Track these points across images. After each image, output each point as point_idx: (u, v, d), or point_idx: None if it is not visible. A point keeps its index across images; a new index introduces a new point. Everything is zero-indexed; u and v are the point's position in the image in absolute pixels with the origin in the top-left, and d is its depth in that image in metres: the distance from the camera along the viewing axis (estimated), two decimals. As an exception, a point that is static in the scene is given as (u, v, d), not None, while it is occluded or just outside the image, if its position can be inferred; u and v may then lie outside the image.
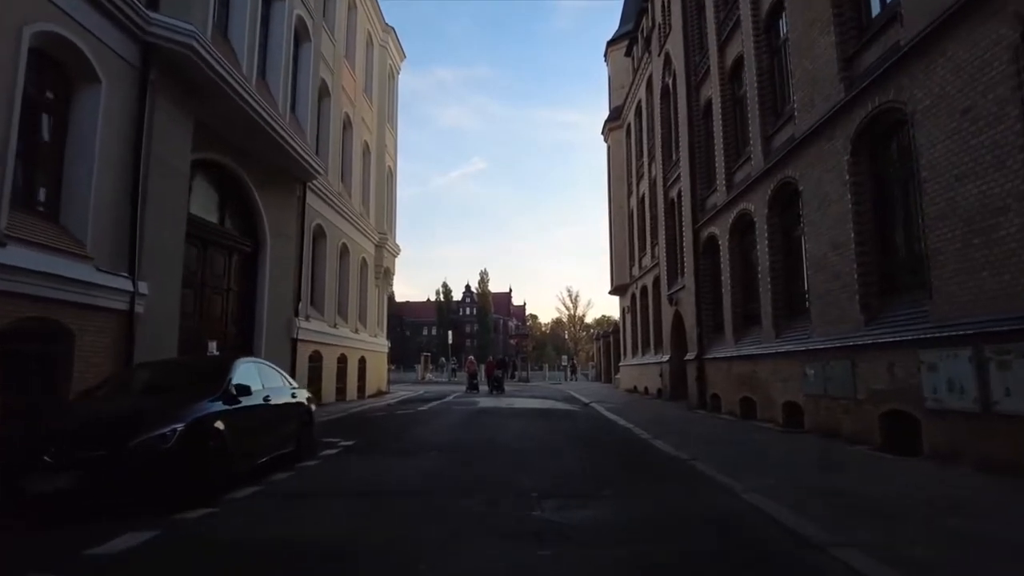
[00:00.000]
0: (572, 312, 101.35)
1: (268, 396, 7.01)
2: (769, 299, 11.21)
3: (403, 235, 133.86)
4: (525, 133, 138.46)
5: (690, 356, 15.65)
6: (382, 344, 24.23)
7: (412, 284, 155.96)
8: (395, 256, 25.95)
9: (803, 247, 10.00)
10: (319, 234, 17.98)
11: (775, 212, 11.28)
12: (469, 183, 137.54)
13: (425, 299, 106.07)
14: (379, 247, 23.71)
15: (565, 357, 51.82)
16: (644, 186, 22.30)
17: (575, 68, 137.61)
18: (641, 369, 22.40)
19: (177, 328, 10.21)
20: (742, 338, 12.83)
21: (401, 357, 55.63)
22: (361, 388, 21.50)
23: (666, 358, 18.14)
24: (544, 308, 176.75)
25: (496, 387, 22.36)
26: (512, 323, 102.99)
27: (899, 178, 7.96)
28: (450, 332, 42.22)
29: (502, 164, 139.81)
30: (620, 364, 27.48)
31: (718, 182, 14.16)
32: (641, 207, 23.10)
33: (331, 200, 18.20)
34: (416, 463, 7.43)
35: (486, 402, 18.19)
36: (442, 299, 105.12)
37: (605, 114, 27.99)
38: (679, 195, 17.55)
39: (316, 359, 17.29)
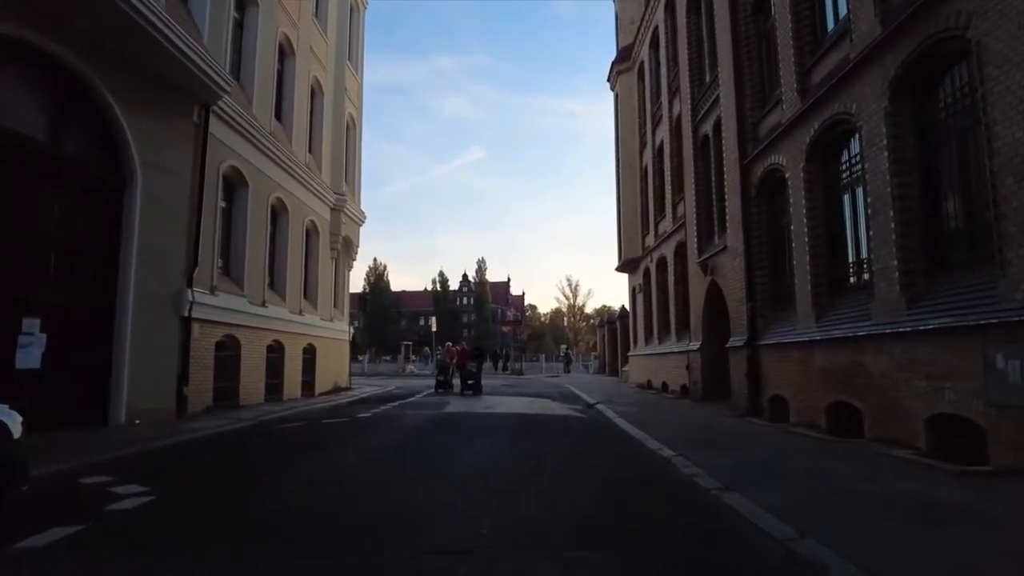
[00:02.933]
0: (572, 302, 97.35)
1: None
2: (893, 247, 6.81)
3: (401, 225, 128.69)
4: (525, 121, 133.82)
5: (736, 342, 11.29)
6: (340, 330, 19.87)
7: (413, 274, 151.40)
8: (359, 225, 21.56)
9: (988, 146, 5.58)
10: (236, 181, 13.58)
11: (907, 101, 6.86)
12: (468, 173, 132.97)
13: (422, 288, 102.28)
14: (336, 211, 19.31)
15: (563, 347, 47.09)
16: (662, 132, 17.85)
17: (575, 56, 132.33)
18: (658, 360, 18.05)
19: None
20: (831, 313, 8.46)
21: (396, 348, 51.44)
22: (307, 384, 17.17)
23: (696, 345, 13.78)
24: (543, 298, 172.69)
25: (469, 385, 16.76)
26: (510, 312, 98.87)
27: None
28: (433, 319, 37.67)
29: (502, 153, 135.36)
30: (629, 354, 23.15)
31: (783, 89, 9.73)
32: (659, 160, 18.66)
33: (255, 138, 13.78)
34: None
35: (457, 405, 13.81)
36: (439, 288, 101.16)
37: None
38: (715, 127, 13.12)
39: (230, 346, 12.94)
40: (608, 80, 24.22)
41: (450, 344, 18.28)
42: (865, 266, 7.90)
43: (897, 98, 6.85)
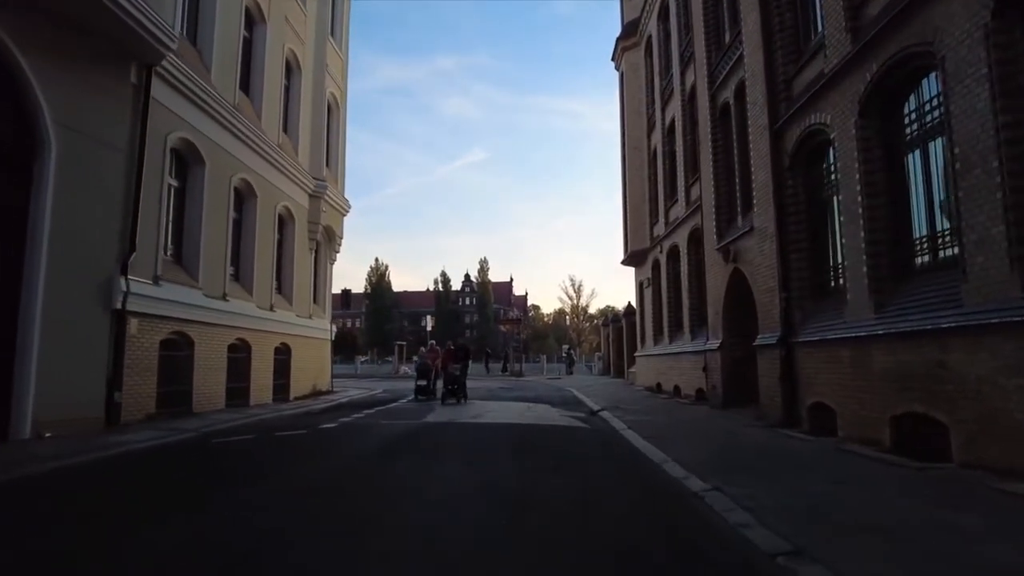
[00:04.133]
0: (575, 302, 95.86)
1: None
2: (1000, 208, 5.09)
3: (403, 226, 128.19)
4: (527, 122, 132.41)
5: (765, 340, 9.57)
6: (321, 329, 18.19)
7: (416, 275, 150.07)
8: (342, 214, 19.89)
9: None
10: (190, 157, 11.93)
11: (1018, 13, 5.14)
12: (470, 173, 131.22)
13: (424, 289, 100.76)
14: (315, 197, 17.64)
15: (565, 346, 45.04)
16: (673, 109, 16.13)
17: (577, 56, 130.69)
18: (668, 361, 16.31)
19: None
20: (896, 301, 6.73)
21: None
22: (282, 387, 15.51)
23: (714, 344, 12.06)
24: (546, 299, 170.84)
25: (453, 391, 14.29)
26: (513, 313, 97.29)
27: None
28: (428, 317, 35.91)
29: (504, 154, 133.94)
30: (636, 355, 21.41)
31: (827, 31, 8.01)
32: (669, 140, 16.94)
33: (213, 109, 12.13)
34: None
35: (440, 413, 12.02)
36: (440, 289, 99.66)
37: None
38: (738, 92, 11.40)
39: (180, 345, 11.29)
40: (612, 59, 22.50)
41: (432, 343, 16.28)
42: (947, 239, 6.17)
43: (1003, 9, 5.12)
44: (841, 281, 8.10)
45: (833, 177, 8.28)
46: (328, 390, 18.25)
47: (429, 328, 33.48)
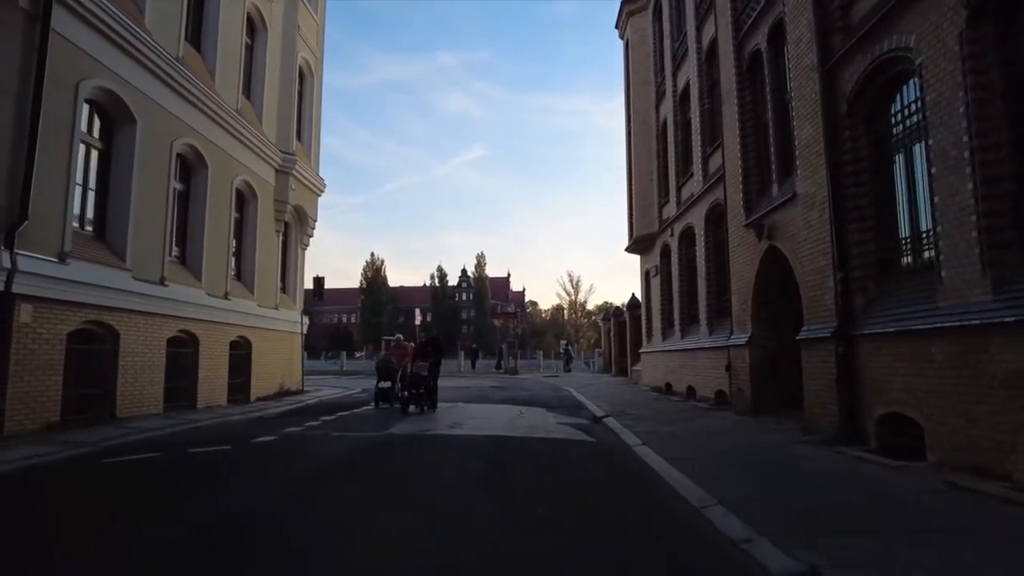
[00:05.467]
0: (573, 298, 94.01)
1: None
2: None
3: (402, 222, 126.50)
4: (527, 119, 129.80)
5: (814, 332, 7.66)
6: (289, 321, 16.24)
7: (415, 271, 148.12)
8: (316, 194, 17.93)
9: None
10: (115, 112, 9.97)
11: None
12: (470, 170, 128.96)
13: (421, 284, 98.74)
14: (282, 173, 15.67)
15: (563, 342, 42.85)
16: (688, 71, 14.16)
17: (577, 54, 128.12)
18: (681, 358, 14.39)
19: None
20: (1030, 275, 4.81)
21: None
22: (241, 387, 13.59)
23: (742, 339, 10.13)
24: (544, 296, 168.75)
25: (416, 397, 11.22)
26: (510, 308, 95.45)
27: None
28: (417, 310, 33.87)
29: (504, 151, 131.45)
30: (641, 351, 19.49)
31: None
32: (682, 108, 14.98)
33: (146, 58, 10.15)
34: None
35: (408, 424, 9.78)
36: (437, 284, 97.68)
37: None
38: (772, 34, 9.46)
39: (98, 338, 9.37)
40: (616, 27, 20.50)
41: (399, 337, 13.83)
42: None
43: None
44: (926, 254, 6.19)
45: (914, 119, 6.35)
46: (298, 389, 16.32)
47: (419, 321, 31.51)
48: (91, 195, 9.66)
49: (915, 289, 6.21)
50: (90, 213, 9.69)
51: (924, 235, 6.29)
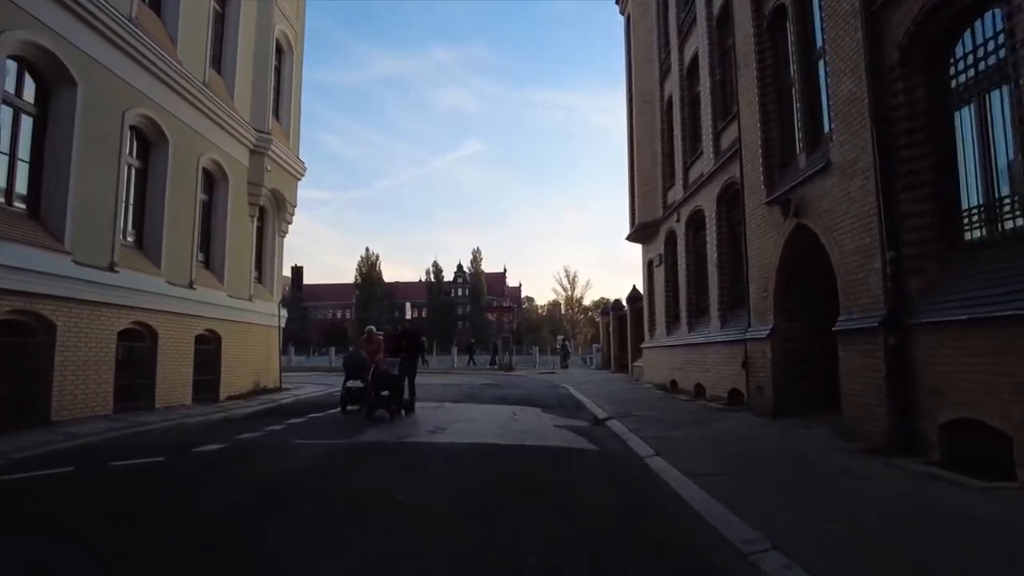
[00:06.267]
0: (570, 293, 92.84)
1: None
2: None
3: (398, 218, 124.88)
4: (523, 115, 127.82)
5: (857, 321, 6.53)
6: (265, 314, 15.07)
7: (412, 267, 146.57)
8: (296, 178, 16.71)
9: None
10: (51, 72, 8.76)
11: None
12: (466, 166, 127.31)
13: (417, 279, 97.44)
14: (257, 154, 14.46)
15: (560, 337, 41.43)
16: (697, 40, 12.97)
17: (574, 50, 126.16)
18: (688, 354, 13.26)
19: None
20: None
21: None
22: (208, 385, 12.44)
23: (762, 331, 9.00)
24: (541, 292, 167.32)
25: (383, 400, 9.48)
26: (505, 302, 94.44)
27: None
28: (407, 304, 32.59)
29: (500, 146, 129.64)
30: (643, 346, 18.35)
31: None
32: (690, 81, 13.82)
33: (87, 12, 8.93)
34: None
35: (382, 430, 8.37)
36: (432, 279, 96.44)
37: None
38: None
39: (28, 330, 8.19)
40: (616, 2, 19.30)
41: (372, 329, 11.14)
42: None
43: None
44: (1007, 224, 5.07)
45: (991, 60, 5.21)
46: (275, 387, 15.13)
47: (408, 316, 30.22)
48: (22, 166, 8.47)
49: (990, 268, 5.08)
50: (22, 188, 8.50)
51: (1000, 203, 5.16)
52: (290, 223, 16.60)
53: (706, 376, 11.96)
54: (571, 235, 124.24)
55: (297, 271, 14.82)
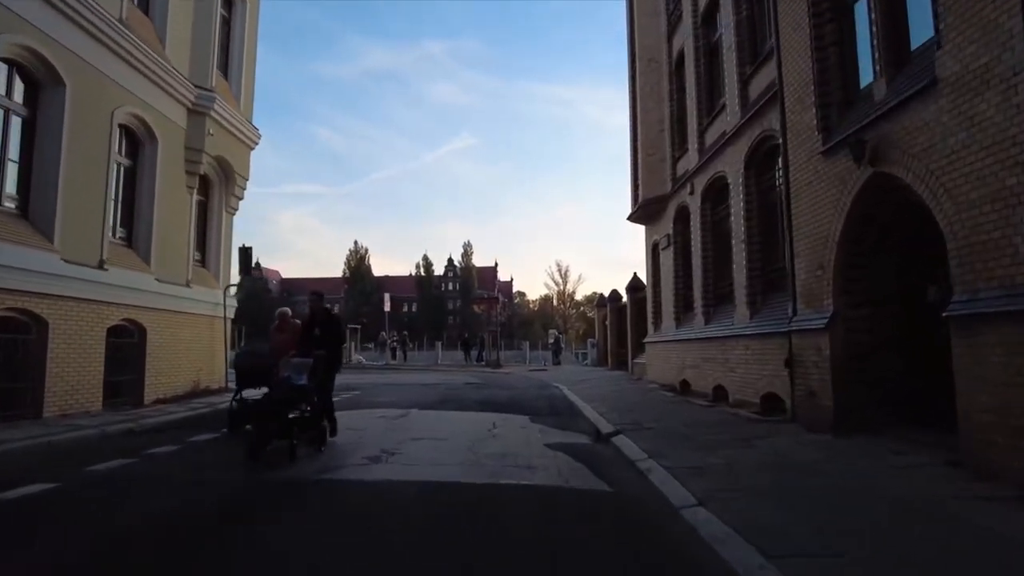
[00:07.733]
0: (562, 288, 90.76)
1: None
2: None
3: (389, 212, 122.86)
4: (516, 108, 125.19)
5: (990, 304, 4.45)
6: (207, 302, 12.84)
7: (403, 261, 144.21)
8: (248, 147, 14.44)
9: None
10: None
11: None
12: (458, 159, 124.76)
13: (407, 274, 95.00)
14: (197, 114, 12.21)
15: (553, 332, 39.11)
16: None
17: (567, 43, 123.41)
18: (705, 350, 11.16)
19: None
20: None
21: (376, 335, 44.63)
22: (128, 386, 10.29)
23: (819, 320, 6.88)
24: (533, 287, 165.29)
25: (287, 424, 5.85)
26: (497, 295, 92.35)
27: None
28: (387, 296, 30.30)
29: (492, 140, 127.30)
30: (647, 340, 16.26)
31: None
32: (706, 29, 11.66)
33: None
34: None
35: (302, 455, 5.81)
36: (423, 273, 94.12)
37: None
38: None
39: None
40: (618, -46, 17.16)
41: (286, 312, 8.62)
42: None
43: None
44: None
45: None
46: (219, 387, 12.91)
47: (387, 309, 28.01)
48: None
49: None
50: None
51: None
52: (240, 198, 14.35)
53: (729, 377, 9.88)
54: (564, 230, 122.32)
55: (245, 252, 12.59)
